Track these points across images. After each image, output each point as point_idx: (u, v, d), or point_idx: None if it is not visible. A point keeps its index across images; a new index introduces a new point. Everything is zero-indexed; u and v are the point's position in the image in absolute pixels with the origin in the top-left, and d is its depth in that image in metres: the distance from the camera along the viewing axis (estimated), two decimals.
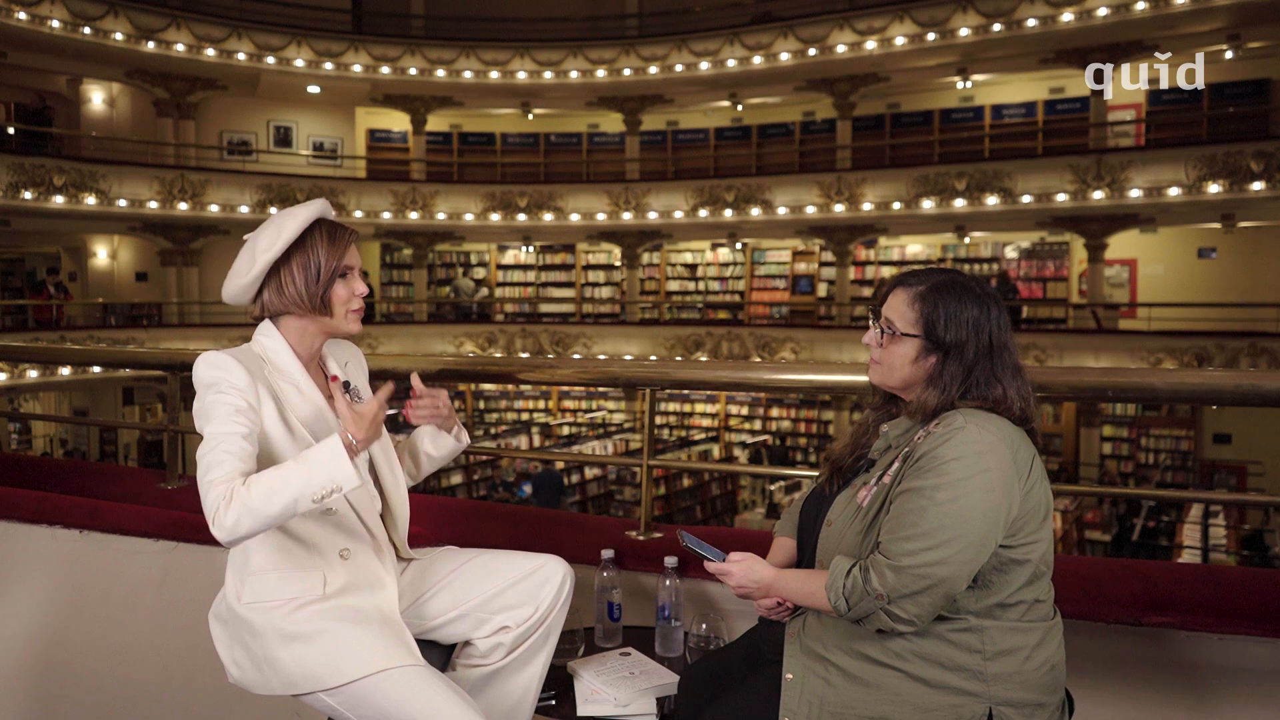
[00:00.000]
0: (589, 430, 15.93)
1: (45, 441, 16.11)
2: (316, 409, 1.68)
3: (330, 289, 1.67)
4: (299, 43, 15.32)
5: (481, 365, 3.89)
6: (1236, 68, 13.26)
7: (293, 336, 1.69)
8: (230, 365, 1.59)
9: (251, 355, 1.65)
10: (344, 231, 1.70)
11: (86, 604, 2.67)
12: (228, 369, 1.58)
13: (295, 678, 1.56)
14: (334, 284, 1.67)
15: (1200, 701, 1.89)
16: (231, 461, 1.50)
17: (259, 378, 1.61)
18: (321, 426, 1.66)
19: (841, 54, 14.54)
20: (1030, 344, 12.98)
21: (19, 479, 3.11)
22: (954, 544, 1.34)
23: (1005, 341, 1.47)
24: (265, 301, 1.69)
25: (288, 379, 1.67)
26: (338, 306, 1.68)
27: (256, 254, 1.65)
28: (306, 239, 1.66)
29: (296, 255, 1.65)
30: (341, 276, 1.68)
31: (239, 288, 1.68)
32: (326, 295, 1.66)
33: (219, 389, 1.57)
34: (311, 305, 1.66)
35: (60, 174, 13.47)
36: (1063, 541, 10.31)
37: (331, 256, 1.66)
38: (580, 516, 3.49)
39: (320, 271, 1.66)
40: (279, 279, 1.66)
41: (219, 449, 1.51)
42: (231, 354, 1.61)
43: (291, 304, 1.67)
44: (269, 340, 1.69)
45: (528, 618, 1.73)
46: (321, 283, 1.66)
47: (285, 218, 1.66)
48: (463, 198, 16.44)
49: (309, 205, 1.69)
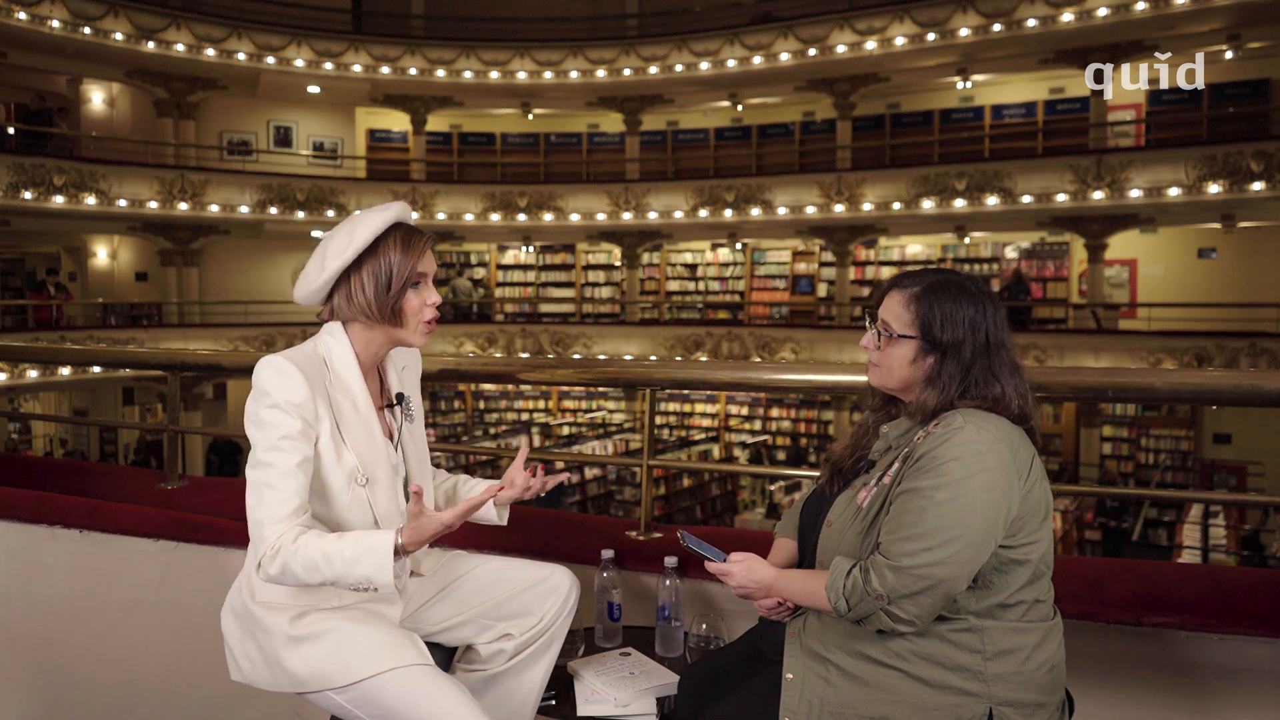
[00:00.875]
0: (589, 430, 15.92)
1: (45, 441, 16.11)
2: (367, 428, 1.63)
3: (402, 299, 1.60)
4: (299, 43, 15.32)
5: (481, 365, 3.88)
6: (1236, 68, 13.26)
7: (359, 343, 1.64)
8: (293, 376, 1.54)
9: (315, 360, 1.60)
10: (420, 237, 1.62)
11: (86, 604, 2.67)
12: (290, 380, 1.54)
13: (304, 676, 1.56)
14: (406, 293, 1.60)
15: (1200, 701, 1.89)
16: (285, 504, 1.50)
17: (319, 389, 1.57)
18: (369, 448, 1.62)
19: (841, 54, 14.54)
20: (1030, 344, 12.98)
21: (19, 479, 3.11)
22: (954, 544, 1.34)
23: (1002, 340, 1.47)
24: (335, 306, 1.63)
25: (346, 392, 1.62)
26: (409, 317, 1.61)
27: (327, 259, 1.59)
28: (379, 245, 1.59)
29: (368, 262, 1.58)
30: (414, 285, 1.61)
31: (308, 293, 1.63)
32: (398, 305, 1.60)
33: (277, 404, 1.53)
34: (381, 315, 1.60)
35: (60, 174, 13.47)
36: (1063, 541, 10.31)
37: (405, 264, 1.59)
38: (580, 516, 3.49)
39: (392, 281, 1.58)
40: (349, 286, 1.60)
41: (273, 484, 1.51)
42: (296, 360, 1.56)
43: (360, 312, 1.60)
44: (335, 344, 1.63)
45: (531, 627, 1.73)
46: (393, 293, 1.59)
47: (359, 223, 1.60)
48: (463, 198, 16.44)
49: (386, 209, 1.62)
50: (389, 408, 1.70)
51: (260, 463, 1.52)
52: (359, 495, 1.60)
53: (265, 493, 1.51)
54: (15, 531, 2.70)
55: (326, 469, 1.57)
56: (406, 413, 1.72)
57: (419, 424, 1.76)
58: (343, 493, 1.59)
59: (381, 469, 1.63)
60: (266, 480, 1.51)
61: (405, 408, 1.72)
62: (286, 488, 1.51)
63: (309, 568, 1.48)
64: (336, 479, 1.58)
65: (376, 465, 1.62)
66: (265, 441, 1.52)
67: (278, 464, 1.51)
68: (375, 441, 1.63)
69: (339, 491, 1.59)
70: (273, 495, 1.50)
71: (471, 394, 17.76)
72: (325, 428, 1.57)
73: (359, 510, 1.60)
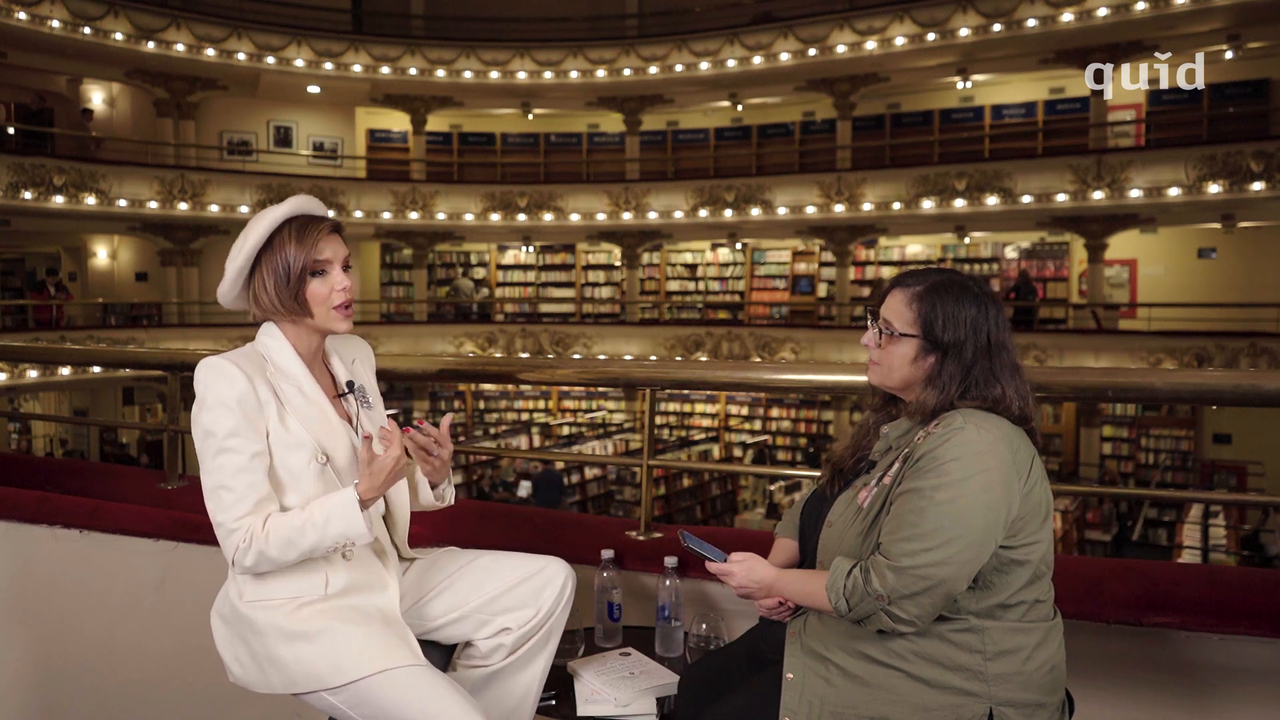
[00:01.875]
0: (589, 430, 15.93)
1: (45, 441, 16.11)
2: (320, 411, 1.64)
3: (304, 289, 1.60)
4: (299, 43, 15.32)
5: (481, 365, 3.88)
6: (1236, 68, 13.26)
7: (291, 336, 1.65)
8: (230, 372, 1.55)
9: (254, 356, 1.62)
10: (314, 224, 1.61)
11: (86, 604, 2.67)
12: (228, 377, 1.55)
13: (297, 676, 1.56)
14: (306, 283, 1.60)
15: (1200, 701, 1.89)
16: (245, 500, 1.52)
17: (259, 379, 1.58)
18: (325, 430, 1.63)
19: (841, 54, 14.54)
20: (1030, 344, 12.98)
21: (19, 479, 3.11)
22: (954, 544, 1.34)
23: (1004, 341, 1.47)
24: (251, 310, 1.65)
25: (290, 380, 1.63)
26: (316, 306, 1.61)
27: (228, 262, 1.61)
28: (275, 240, 1.59)
29: (266, 259, 1.60)
30: (317, 274, 1.60)
31: (223, 294, 1.66)
32: (300, 296, 1.60)
33: (220, 402, 1.54)
34: (287, 309, 1.61)
35: (60, 174, 13.48)
36: (1063, 541, 10.31)
37: (299, 254, 1.58)
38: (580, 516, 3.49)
39: (290, 273, 1.58)
40: (254, 285, 1.62)
41: (228, 485, 1.52)
42: (232, 359, 1.58)
43: (268, 310, 1.62)
44: (271, 341, 1.65)
45: (529, 619, 1.72)
46: (292, 284, 1.59)
47: (255, 221, 1.61)
48: (463, 198, 16.44)
49: (281, 205, 1.62)
50: (342, 397, 1.72)
51: (213, 468, 1.53)
52: (323, 474, 1.60)
53: (222, 495, 1.53)
54: (15, 531, 2.70)
55: (282, 453, 1.58)
56: (362, 400, 1.72)
57: (378, 411, 1.77)
58: (304, 474, 1.59)
59: (341, 450, 1.64)
60: (221, 482, 1.53)
61: (360, 395, 1.72)
62: (242, 484, 1.52)
63: (284, 546, 1.51)
64: (295, 461, 1.58)
65: (335, 446, 1.63)
66: (214, 444, 1.54)
67: (229, 464, 1.53)
68: (331, 423, 1.64)
69: (300, 473, 1.59)
70: (230, 495, 1.52)
71: (471, 394, 17.76)
72: (272, 413, 1.58)
73: (326, 489, 1.60)
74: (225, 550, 1.54)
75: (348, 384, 1.72)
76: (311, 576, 1.60)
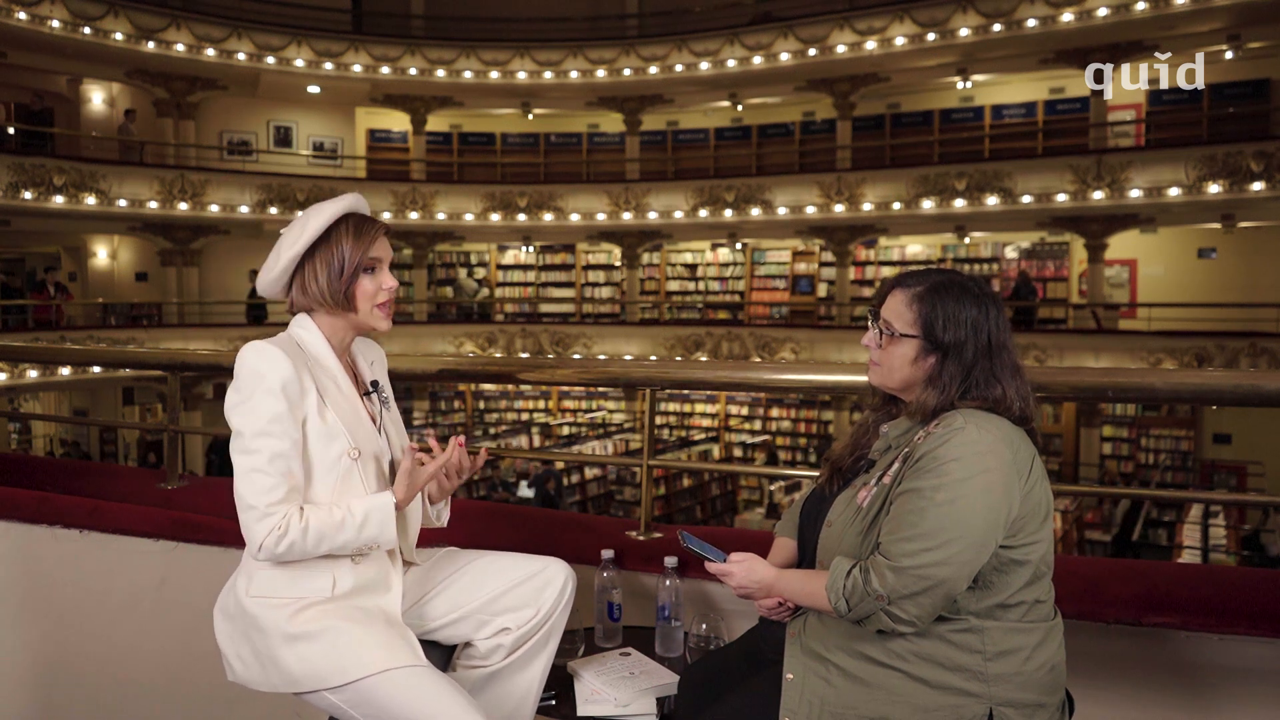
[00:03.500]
0: (589, 430, 15.92)
1: (45, 441, 16.11)
2: (353, 405, 1.67)
3: (354, 284, 1.64)
4: (299, 43, 15.32)
5: (481, 365, 3.88)
6: (1236, 68, 13.26)
7: (326, 329, 1.68)
8: (277, 357, 1.56)
9: (292, 344, 1.64)
10: (371, 224, 1.66)
11: (86, 604, 2.67)
12: (275, 361, 1.56)
13: (298, 676, 1.56)
14: (358, 279, 1.64)
15: (1200, 701, 1.89)
16: (280, 486, 1.53)
17: (301, 368, 1.60)
18: (357, 426, 1.65)
19: (841, 54, 14.54)
20: (1030, 344, 12.98)
21: (19, 479, 3.11)
22: (954, 545, 1.34)
23: (1004, 341, 1.47)
24: (294, 298, 1.68)
25: (327, 373, 1.66)
26: (362, 302, 1.65)
27: (282, 250, 1.64)
28: (332, 234, 1.64)
29: (321, 251, 1.63)
30: (368, 271, 1.65)
31: (267, 282, 1.67)
32: (350, 290, 1.64)
33: (265, 386, 1.55)
34: (335, 302, 1.64)
35: (60, 174, 13.47)
36: (1063, 541, 10.31)
37: (356, 251, 1.63)
38: (580, 516, 3.49)
39: (344, 267, 1.62)
40: (304, 275, 1.65)
41: (264, 469, 1.53)
42: (277, 343, 1.60)
43: (315, 301, 1.65)
44: (305, 333, 1.67)
45: (529, 620, 1.72)
46: (345, 278, 1.63)
47: (312, 213, 1.65)
48: (463, 198, 16.44)
49: (338, 200, 1.67)
50: (366, 396, 1.74)
51: (249, 449, 1.54)
52: (352, 469, 1.62)
53: (256, 478, 1.53)
54: (15, 531, 2.70)
55: (317, 444, 1.60)
56: (383, 400, 1.75)
57: (395, 413, 1.80)
58: (335, 467, 1.61)
59: (369, 447, 1.67)
60: (257, 465, 1.53)
61: (381, 395, 1.75)
62: (278, 470, 1.53)
63: (318, 539, 1.54)
64: (328, 454, 1.60)
65: (365, 441, 1.66)
66: (253, 426, 1.54)
67: (266, 448, 1.53)
68: (361, 419, 1.67)
69: (331, 466, 1.60)
70: (266, 480, 1.53)
71: (471, 394, 17.76)
72: (312, 403, 1.60)
73: (352, 483, 1.62)
74: (252, 535, 1.53)
75: (371, 383, 1.75)
76: (319, 577, 1.61)
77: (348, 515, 1.55)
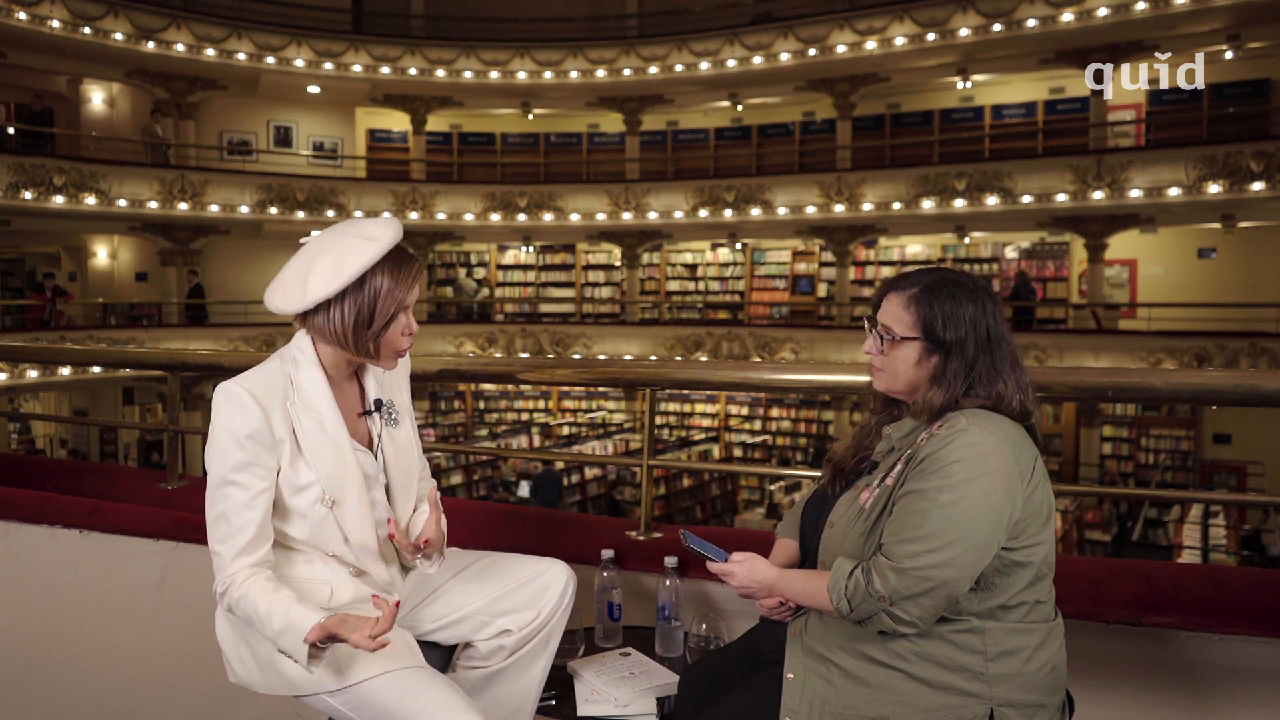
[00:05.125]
0: (589, 430, 15.92)
1: (45, 441, 16.10)
2: (335, 448, 1.56)
3: (384, 334, 1.52)
4: (299, 43, 15.32)
5: (481, 365, 3.89)
6: (1236, 68, 13.26)
7: (328, 359, 1.59)
8: (248, 406, 1.50)
9: (277, 380, 1.55)
10: (410, 264, 1.52)
11: (86, 604, 2.67)
12: (245, 411, 1.50)
13: (298, 678, 1.56)
14: (389, 328, 1.52)
15: (1200, 701, 1.89)
16: (241, 535, 1.51)
17: (277, 412, 1.53)
18: (336, 468, 1.56)
19: (841, 54, 14.54)
20: (1030, 344, 12.98)
21: (19, 479, 3.11)
22: (956, 546, 1.34)
23: (1003, 333, 1.47)
24: (309, 326, 1.57)
25: (312, 411, 1.56)
26: (384, 348, 1.55)
27: (309, 284, 1.48)
28: (367, 277, 1.49)
29: (351, 291, 1.49)
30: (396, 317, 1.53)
31: (282, 309, 1.53)
32: (379, 339, 1.52)
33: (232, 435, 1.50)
34: (357, 348, 1.53)
35: (60, 174, 13.47)
36: (1063, 541, 10.31)
37: (392, 300, 1.50)
38: (580, 516, 3.49)
39: (375, 316, 1.50)
40: (327, 312, 1.51)
41: (229, 516, 1.51)
42: (251, 390, 1.51)
43: (332, 340, 1.54)
44: (303, 359, 1.58)
45: (529, 622, 1.72)
46: (375, 329, 1.51)
47: (348, 253, 1.48)
48: (463, 198, 16.44)
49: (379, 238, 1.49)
50: (367, 414, 1.66)
51: (216, 498, 1.52)
52: (326, 517, 1.57)
53: (221, 525, 1.52)
54: (15, 531, 2.70)
55: (290, 493, 1.56)
56: (388, 418, 1.67)
57: (404, 426, 1.69)
58: (309, 514, 1.57)
59: (352, 487, 1.58)
60: (222, 512, 1.52)
61: (387, 412, 1.66)
62: (240, 520, 1.51)
63: (246, 615, 1.50)
64: (301, 502, 1.56)
65: (345, 484, 1.58)
66: (221, 472, 1.51)
67: (233, 497, 1.51)
68: (344, 460, 1.58)
69: (305, 512, 1.57)
70: (227, 528, 1.51)
71: (471, 394, 17.76)
72: (286, 452, 1.54)
73: (328, 531, 1.58)
74: (216, 579, 1.53)
75: (375, 402, 1.66)
76: (318, 589, 1.60)
77: (271, 614, 1.45)
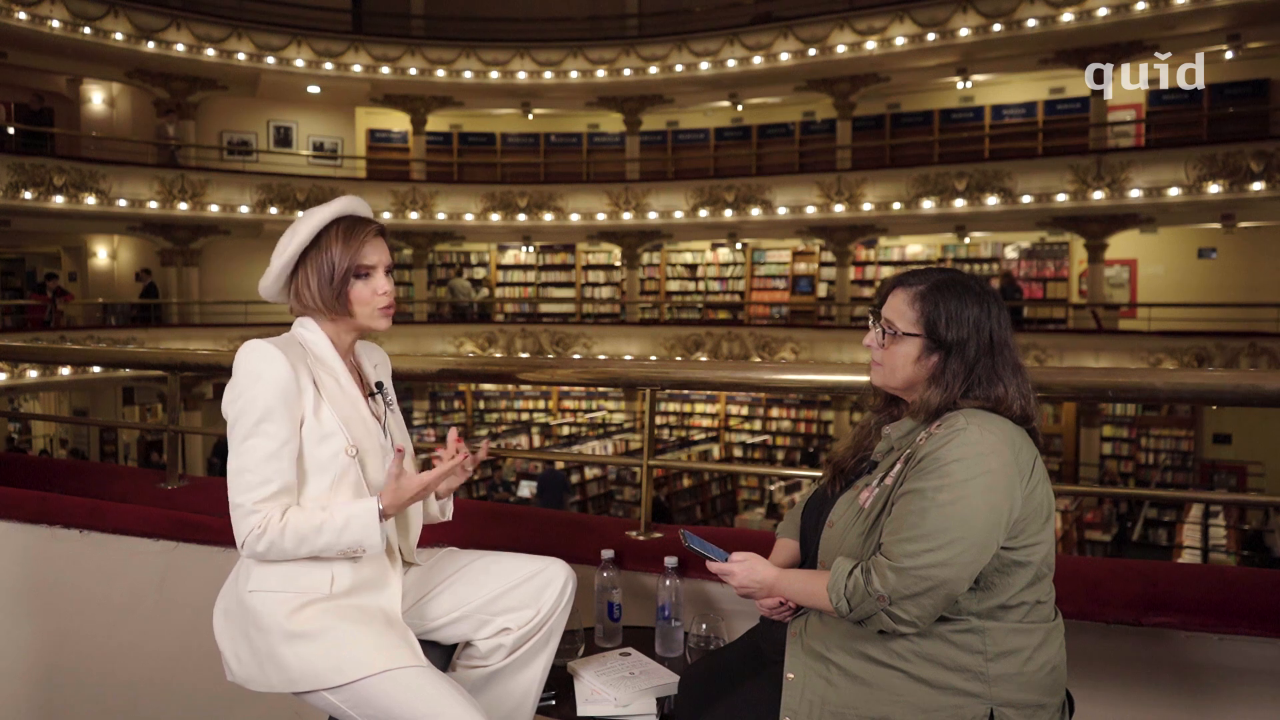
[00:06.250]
0: (589, 430, 15.92)
1: (45, 441, 16.10)
2: (353, 406, 1.66)
3: (347, 289, 1.62)
4: (299, 43, 15.32)
5: (481, 365, 3.88)
6: (1236, 68, 13.26)
7: (329, 332, 1.68)
8: (275, 356, 1.56)
9: (293, 344, 1.63)
10: (361, 227, 1.64)
11: (86, 604, 2.67)
12: (272, 361, 1.56)
13: (297, 675, 1.56)
14: (351, 284, 1.63)
15: (1200, 701, 1.89)
16: (266, 486, 1.54)
17: (301, 367, 1.60)
18: (356, 424, 1.64)
19: (841, 54, 14.54)
20: (1030, 344, 12.98)
21: (19, 479, 3.11)
22: (956, 546, 1.34)
23: (1006, 339, 1.47)
24: (292, 303, 1.68)
25: (328, 371, 1.65)
26: (358, 307, 1.64)
27: (274, 257, 1.63)
28: (322, 239, 1.62)
29: (312, 257, 1.62)
30: (361, 276, 1.63)
31: (265, 288, 1.67)
32: (343, 296, 1.63)
33: (260, 385, 1.55)
34: (329, 308, 1.63)
35: (60, 174, 13.48)
36: (1063, 541, 10.31)
37: (345, 256, 1.61)
38: (580, 516, 3.49)
39: (334, 273, 1.61)
40: (297, 281, 1.64)
41: (253, 468, 1.54)
42: (275, 343, 1.59)
43: (311, 307, 1.65)
44: (309, 333, 1.67)
45: (529, 620, 1.72)
46: (335, 284, 1.61)
47: (302, 219, 1.63)
48: (463, 198, 16.44)
49: (331, 204, 1.65)
50: (371, 396, 1.73)
51: (241, 450, 1.55)
52: (350, 467, 1.61)
53: (245, 476, 1.54)
54: (15, 531, 2.70)
55: (313, 444, 1.59)
56: (388, 402, 1.75)
57: (399, 415, 1.79)
58: (331, 466, 1.60)
59: (371, 444, 1.66)
60: (246, 465, 1.54)
61: (386, 396, 1.75)
62: (266, 470, 1.54)
63: (298, 541, 1.53)
64: (325, 452, 1.60)
65: (366, 439, 1.65)
66: (245, 425, 1.55)
67: (257, 448, 1.54)
68: (363, 417, 1.66)
69: (326, 465, 1.60)
70: (252, 478, 1.54)
71: (471, 394, 17.76)
72: (309, 402, 1.59)
73: (352, 482, 1.62)
74: (238, 532, 1.55)
75: (376, 385, 1.74)
76: (317, 573, 1.60)
77: (328, 519, 1.54)
